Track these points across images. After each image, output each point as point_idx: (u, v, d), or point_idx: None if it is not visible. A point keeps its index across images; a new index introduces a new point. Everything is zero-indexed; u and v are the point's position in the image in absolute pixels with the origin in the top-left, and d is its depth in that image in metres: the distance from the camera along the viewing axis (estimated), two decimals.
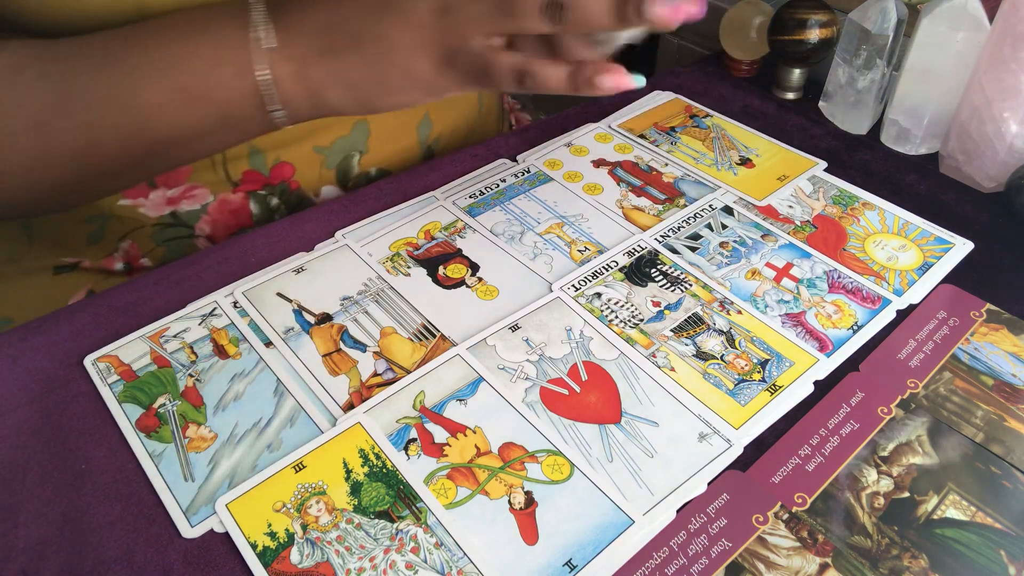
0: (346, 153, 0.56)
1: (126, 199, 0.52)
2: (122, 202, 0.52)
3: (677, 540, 0.35)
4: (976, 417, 0.40)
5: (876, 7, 0.57)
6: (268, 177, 0.54)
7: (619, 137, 0.61)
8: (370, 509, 0.36)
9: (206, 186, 0.53)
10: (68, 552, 0.34)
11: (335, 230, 0.52)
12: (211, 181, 0.53)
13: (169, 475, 0.37)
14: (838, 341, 0.44)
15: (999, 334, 0.45)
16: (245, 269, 0.49)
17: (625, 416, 0.40)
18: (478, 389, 0.41)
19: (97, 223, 0.53)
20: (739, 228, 0.52)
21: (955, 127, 0.56)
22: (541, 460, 0.38)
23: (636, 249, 0.50)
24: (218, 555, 0.35)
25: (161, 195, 0.52)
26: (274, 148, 0.53)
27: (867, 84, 0.60)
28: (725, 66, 0.71)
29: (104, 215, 0.53)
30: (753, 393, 0.41)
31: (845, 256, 0.50)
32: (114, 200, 0.52)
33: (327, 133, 0.55)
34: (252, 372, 0.42)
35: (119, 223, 0.53)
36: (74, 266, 0.56)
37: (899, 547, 0.35)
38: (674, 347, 0.44)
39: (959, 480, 0.37)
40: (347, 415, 0.40)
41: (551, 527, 0.35)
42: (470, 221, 0.52)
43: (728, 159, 0.59)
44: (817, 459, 0.38)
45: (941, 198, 0.56)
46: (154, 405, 0.41)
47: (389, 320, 0.45)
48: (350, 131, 0.56)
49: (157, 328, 0.45)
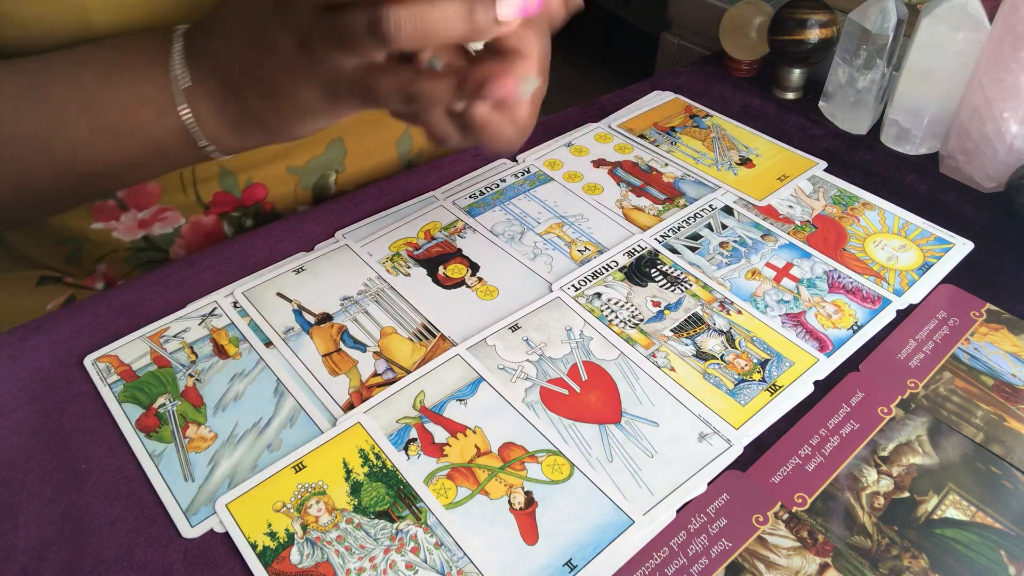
0: (322, 172, 0.55)
1: (98, 222, 0.51)
2: (95, 225, 0.51)
3: (677, 540, 0.35)
4: (976, 417, 0.40)
5: (876, 7, 0.57)
6: (240, 199, 0.53)
7: (619, 137, 0.61)
8: (370, 509, 0.36)
9: (177, 208, 0.52)
10: (68, 552, 0.34)
11: (335, 230, 0.52)
12: (181, 204, 0.52)
13: (169, 475, 0.37)
14: (838, 341, 0.44)
15: (999, 334, 0.45)
16: (245, 269, 0.49)
17: (625, 416, 0.40)
18: (478, 389, 0.41)
19: (72, 245, 0.53)
20: (739, 228, 0.52)
21: (955, 127, 0.56)
22: (541, 460, 0.38)
23: (636, 249, 0.50)
24: (218, 555, 0.35)
25: (132, 218, 0.51)
26: (245, 169, 0.52)
27: (867, 84, 0.60)
28: (725, 66, 0.71)
29: (78, 238, 0.52)
30: (753, 393, 0.41)
31: (845, 256, 0.50)
32: (86, 223, 0.51)
33: (301, 153, 0.54)
34: (252, 372, 0.42)
35: (94, 246, 0.53)
36: (57, 279, 0.55)
37: (899, 547, 0.35)
38: (674, 347, 0.44)
39: (959, 480, 0.37)
40: (347, 415, 0.40)
41: (551, 527, 0.35)
42: (470, 221, 0.52)
43: (728, 159, 0.59)
44: (817, 459, 0.38)
45: (941, 198, 0.56)
46: (154, 405, 0.41)
47: (389, 320, 0.45)
48: (325, 150, 0.55)
49: (157, 328, 0.45)
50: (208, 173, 0.51)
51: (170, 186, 0.51)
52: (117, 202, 0.50)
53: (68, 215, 0.51)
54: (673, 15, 1.12)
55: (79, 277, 0.55)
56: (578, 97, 0.65)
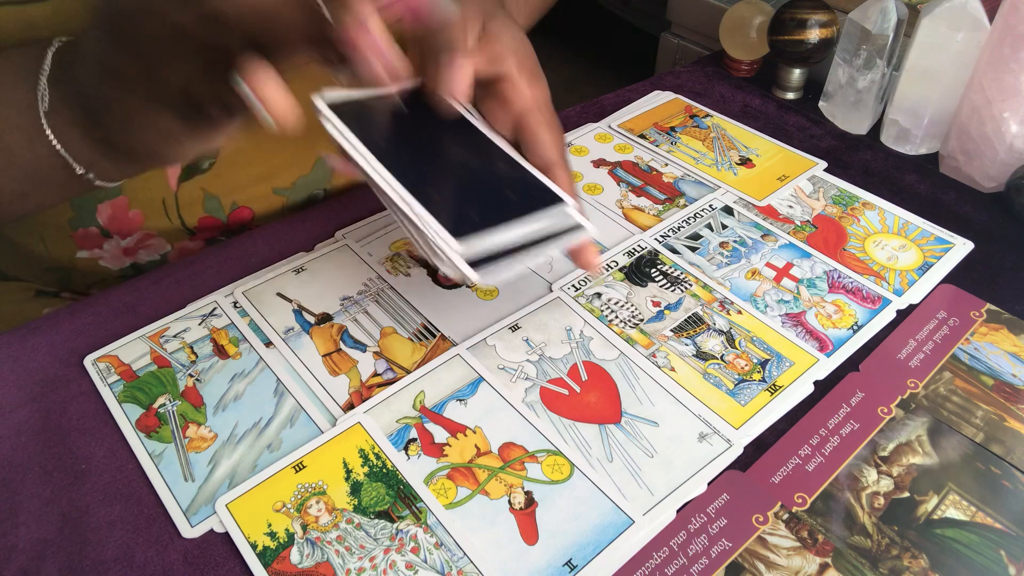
0: (309, 192, 0.54)
1: (83, 251, 0.51)
2: (80, 254, 0.51)
3: (677, 540, 0.35)
4: (976, 417, 0.40)
5: (876, 7, 0.57)
6: (226, 223, 0.53)
7: (619, 137, 0.61)
8: (370, 509, 0.36)
9: (161, 235, 0.51)
10: (68, 552, 0.34)
11: (335, 230, 0.52)
12: (165, 230, 0.51)
13: (169, 475, 0.37)
14: (838, 341, 0.44)
15: (999, 334, 0.45)
16: (245, 269, 0.49)
17: (625, 416, 0.40)
18: (478, 389, 0.41)
19: (59, 273, 0.52)
20: (739, 228, 0.52)
21: (955, 127, 0.56)
22: (541, 460, 0.38)
23: (636, 249, 0.50)
24: (218, 555, 0.35)
25: (116, 245, 0.51)
26: (229, 193, 0.51)
27: (867, 84, 0.60)
28: (725, 66, 0.71)
29: (65, 267, 0.51)
30: (753, 393, 0.41)
31: (845, 256, 0.50)
32: (71, 253, 0.50)
33: (287, 173, 0.53)
34: (252, 372, 0.42)
35: (82, 274, 0.52)
36: (56, 293, 0.55)
37: (899, 547, 0.35)
38: (674, 347, 0.44)
39: (959, 480, 0.37)
40: (347, 415, 0.40)
41: (551, 527, 0.35)
42: None
43: (728, 159, 0.59)
44: (817, 459, 0.38)
45: (941, 198, 0.56)
46: (154, 405, 0.41)
47: (389, 320, 0.45)
48: (311, 170, 0.54)
49: (157, 328, 0.45)
50: (191, 197, 0.51)
51: (152, 212, 0.50)
52: (99, 229, 0.50)
53: (52, 244, 0.50)
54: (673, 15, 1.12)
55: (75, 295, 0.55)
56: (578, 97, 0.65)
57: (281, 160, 0.52)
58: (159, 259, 0.53)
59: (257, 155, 0.51)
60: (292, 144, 0.52)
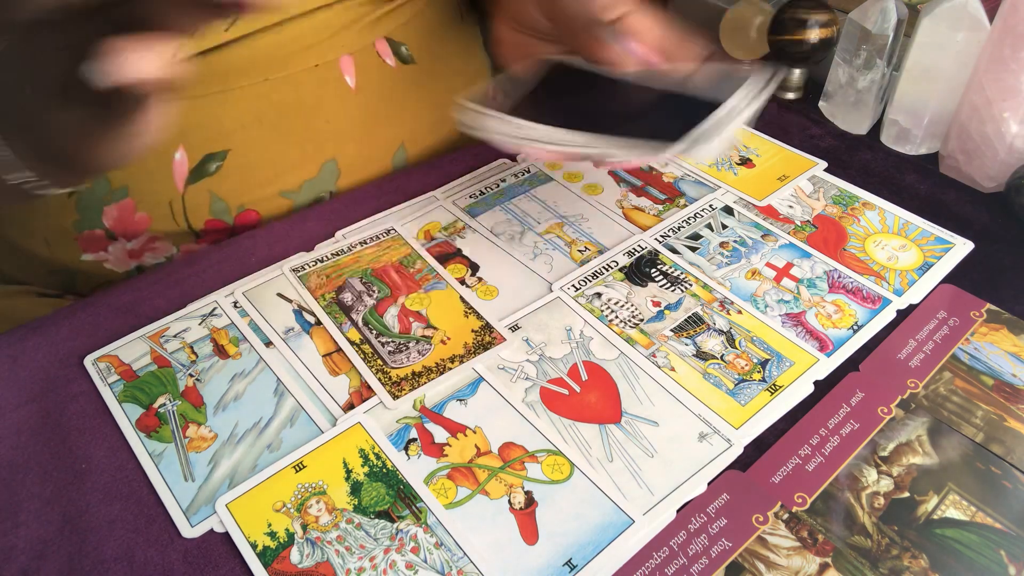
0: (316, 195, 0.54)
1: (88, 253, 0.50)
2: (85, 257, 0.51)
3: (677, 540, 0.35)
4: (976, 417, 0.40)
5: (876, 7, 0.57)
6: (233, 226, 0.53)
7: None
8: (370, 509, 0.36)
9: (167, 238, 0.51)
10: (68, 552, 0.35)
11: (335, 230, 0.52)
12: (172, 232, 0.51)
13: (169, 475, 0.37)
14: (838, 341, 0.44)
15: (999, 334, 0.45)
16: (245, 269, 0.49)
17: (625, 416, 0.40)
18: (478, 389, 0.41)
19: (63, 275, 0.52)
20: (739, 228, 0.52)
21: (955, 127, 0.56)
22: (541, 460, 0.38)
23: (636, 249, 0.50)
24: (218, 555, 0.35)
25: (121, 248, 0.51)
26: (236, 196, 0.51)
27: (867, 84, 0.60)
28: None
29: (70, 270, 0.51)
30: (753, 393, 0.41)
31: (845, 256, 0.50)
32: (76, 256, 0.50)
33: (293, 176, 0.53)
34: (252, 372, 0.42)
35: (87, 277, 0.52)
36: (59, 295, 0.55)
37: (899, 547, 0.35)
38: (674, 347, 0.44)
39: (959, 480, 0.37)
40: (347, 415, 0.40)
41: (551, 527, 0.35)
42: (470, 221, 0.52)
43: (728, 159, 0.59)
44: (817, 459, 0.38)
45: (941, 198, 0.56)
46: (154, 405, 0.41)
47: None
48: (318, 172, 0.54)
49: (157, 328, 0.45)
50: (198, 200, 0.50)
51: (158, 215, 0.50)
52: (105, 231, 0.50)
53: (56, 247, 0.50)
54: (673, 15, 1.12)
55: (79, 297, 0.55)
56: None
57: (288, 163, 0.51)
58: (164, 262, 0.53)
59: (264, 158, 0.51)
60: (299, 147, 0.52)
